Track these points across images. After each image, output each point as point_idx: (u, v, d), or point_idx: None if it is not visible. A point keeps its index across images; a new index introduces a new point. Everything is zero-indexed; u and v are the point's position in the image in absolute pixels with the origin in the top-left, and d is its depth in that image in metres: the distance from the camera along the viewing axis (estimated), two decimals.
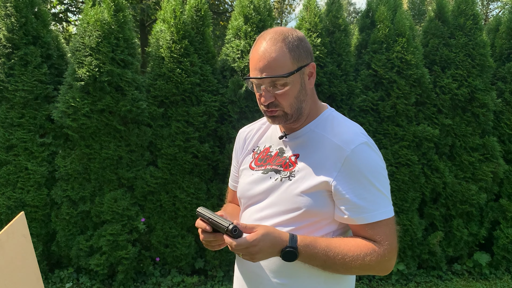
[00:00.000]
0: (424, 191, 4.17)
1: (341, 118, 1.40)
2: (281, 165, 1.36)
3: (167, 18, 3.89)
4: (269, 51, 1.26)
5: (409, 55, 3.95)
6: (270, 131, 1.51)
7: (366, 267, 1.24)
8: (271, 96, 1.28)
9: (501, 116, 4.33)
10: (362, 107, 4.04)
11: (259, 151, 1.48)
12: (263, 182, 1.38)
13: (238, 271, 1.47)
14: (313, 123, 1.38)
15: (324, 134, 1.33)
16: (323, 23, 4.04)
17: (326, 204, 1.28)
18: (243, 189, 1.46)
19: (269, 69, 1.25)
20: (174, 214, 3.96)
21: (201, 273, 4.14)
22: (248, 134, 1.56)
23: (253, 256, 1.18)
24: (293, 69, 1.26)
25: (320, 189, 1.26)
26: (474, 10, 4.19)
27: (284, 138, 1.40)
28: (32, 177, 3.78)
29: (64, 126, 3.72)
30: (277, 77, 1.25)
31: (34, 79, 3.70)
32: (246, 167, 1.49)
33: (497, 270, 4.38)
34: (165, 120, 3.92)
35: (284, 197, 1.31)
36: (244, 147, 1.55)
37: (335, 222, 1.31)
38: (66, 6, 12.46)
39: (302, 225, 1.28)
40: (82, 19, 3.74)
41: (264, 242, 1.17)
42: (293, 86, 1.28)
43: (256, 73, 1.28)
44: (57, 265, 4.09)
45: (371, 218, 1.24)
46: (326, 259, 1.22)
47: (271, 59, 1.25)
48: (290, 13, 21.01)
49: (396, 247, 1.27)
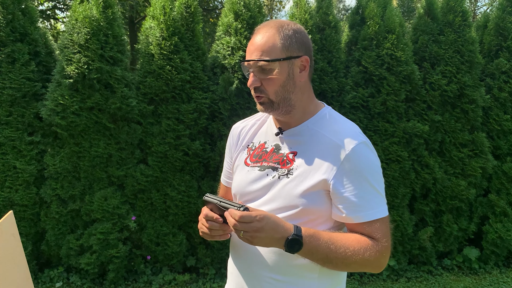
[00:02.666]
0: (414, 187, 4.20)
1: (338, 117, 1.40)
2: (278, 162, 1.35)
3: (156, 14, 3.86)
4: (260, 36, 1.29)
5: (399, 51, 3.97)
6: (265, 126, 1.50)
7: (365, 263, 1.24)
8: (257, 81, 1.29)
9: (490, 112, 4.37)
10: (353, 104, 4.05)
11: (254, 147, 1.47)
12: (260, 179, 1.37)
13: (232, 267, 1.46)
14: (311, 121, 1.37)
15: (322, 132, 1.33)
16: (313, 20, 4.04)
17: (323, 203, 1.28)
18: (239, 185, 1.44)
19: (257, 53, 1.28)
20: (165, 212, 3.94)
21: (192, 271, 4.13)
22: (243, 129, 1.55)
23: (254, 235, 1.16)
24: (280, 57, 1.27)
25: (319, 188, 1.26)
26: (463, 7, 4.22)
27: (280, 134, 1.40)
28: (21, 176, 3.74)
29: (53, 124, 3.68)
30: (262, 61, 1.26)
31: (22, 77, 3.65)
32: (241, 163, 1.48)
33: (486, 264, 4.42)
34: (155, 118, 3.90)
35: (282, 195, 1.30)
36: (238, 143, 1.54)
37: (330, 220, 1.32)
38: (54, 3, 12.32)
39: (298, 222, 1.27)
40: (70, 15, 3.70)
41: (268, 224, 1.16)
42: (280, 75, 1.28)
43: (247, 57, 1.31)
44: (47, 265, 4.05)
45: (368, 216, 1.25)
46: (328, 252, 1.21)
47: (260, 43, 1.28)
48: (280, 10, 21.00)
49: (390, 244, 1.29)
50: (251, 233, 1.16)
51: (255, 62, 1.27)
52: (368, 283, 4.10)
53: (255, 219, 1.15)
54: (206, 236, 1.32)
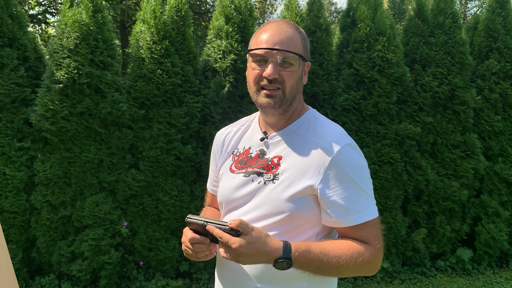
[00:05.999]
0: (407, 189, 4.20)
1: (323, 119, 1.39)
2: (263, 167, 1.33)
3: (147, 18, 3.84)
4: (285, 29, 1.28)
5: (390, 53, 3.98)
6: (249, 132, 1.48)
7: (359, 268, 1.23)
8: (276, 72, 1.26)
9: (481, 113, 4.39)
10: (345, 106, 4.05)
11: (239, 153, 1.45)
12: (245, 185, 1.35)
13: (219, 276, 1.45)
14: (296, 123, 1.36)
15: (307, 136, 1.32)
16: (305, 23, 4.04)
17: (310, 208, 1.26)
18: (224, 193, 1.42)
19: (284, 44, 1.25)
20: (157, 217, 3.91)
21: (185, 276, 4.10)
22: (227, 136, 1.53)
23: (239, 258, 1.15)
24: (302, 54, 1.29)
25: (305, 194, 1.25)
26: (453, 8, 4.24)
27: (265, 139, 1.38)
28: (10, 182, 3.69)
29: (43, 130, 3.64)
30: (291, 52, 1.25)
31: (11, 82, 3.61)
32: (226, 170, 1.46)
33: (479, 265, 4.44)
34: (146, 122, 3.87)
35: (268, 200, 1.28)
36: (223, 149, 1.52)
37: (319, 225, 1.30)
38: (44, 8, 12.24)
39: (286, 229, 1.26)
40: (59, 20, 3.66)
41: (256, 248, 1.14)
42: (297, 71, 1.28)
43: (268, 46, 1.26)
44: (38, 272, 4.00)
45: (358, 219, 1.24)
46: (320, 265, 1.19)
47: (287, 35, 1.26)
48: (272, 13, 21.02)
49: (383, 246, 1.27)
50: (237, 257, 1.15)
51: (281, 52, 1.24)
52: (362, 286, 4.09)
53: (246, 242, 1.13)
54: (192, 257, 1.29)
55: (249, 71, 1.32)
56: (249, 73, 1.33)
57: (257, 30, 1.34)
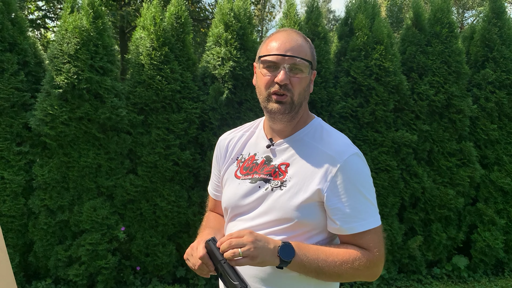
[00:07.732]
0: (403, 196, 4.22)
1: (329, 128, 1.41)
2: (270, 174, 1.34)
3: (146, 25, 3.87)
4: (296, 37, 1.32)
5: (387, 62, 4.02)
6: (254, 138, 1.49)
7: (356, 272, 1.25)
8: (288, 78, 1.28)
9: (477, 122, 4.42)
10: (342, 114, 4.08)
11: (244, 159, 1.45)
12: (252, 191, 1.35)
13: None
14: (302, 131, 1.38)
15: (314, 144, 1.34)
16: (303, 31, 4.08)
17: (318, 215, 1.29)
18: (230, 199, 1.42)
19: (295, 51, 1.28)
20: (154, 222, 3.92)
21: (182, 281, 4.10)
22: (230, 141, 1.53)
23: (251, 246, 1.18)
24: (312, 61, 1.33)
25: (313, 200, 1.27)
26: (450, 18, 4.29)
27: (271, 146, 1.39)
28: (9, 187, 3.69)
29: (42, 134, 3.66)
30: (303, 59, 1.28)
31: (11, 87, 3.63)
32: (230, 175, 1.46)
33: (475, 273, 4.45)
34: (145, 128, 3.89)
35: (276, 207, 1.29)
36: (227, 155, 1.52)
37: (325, 232, 1.32)
38: (44, 12, 12.28)
39: (293, 235, 1.28)
40: (60, 25, 3.69)
41: (262, 237, 1.20)
42: (306, 78, 1.32)
43: (280, 52, 1.29)
44: (35, 276, 4.00)
45: (361, 227, 1.26)
46: (318, 262, 1.22)
47: (298, 43, 1.30)
48: (270, 20, 21.15)
49: (384, 254, 1.29)
50: (249, 247, 1.16)
51: (294, 58, 1.27)
52: None
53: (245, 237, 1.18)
54: (190, 267, 1.31)
55: (259, 78, 1.33)
56: (259, 79, 1.34)
57: (266, 38, 1.36)
